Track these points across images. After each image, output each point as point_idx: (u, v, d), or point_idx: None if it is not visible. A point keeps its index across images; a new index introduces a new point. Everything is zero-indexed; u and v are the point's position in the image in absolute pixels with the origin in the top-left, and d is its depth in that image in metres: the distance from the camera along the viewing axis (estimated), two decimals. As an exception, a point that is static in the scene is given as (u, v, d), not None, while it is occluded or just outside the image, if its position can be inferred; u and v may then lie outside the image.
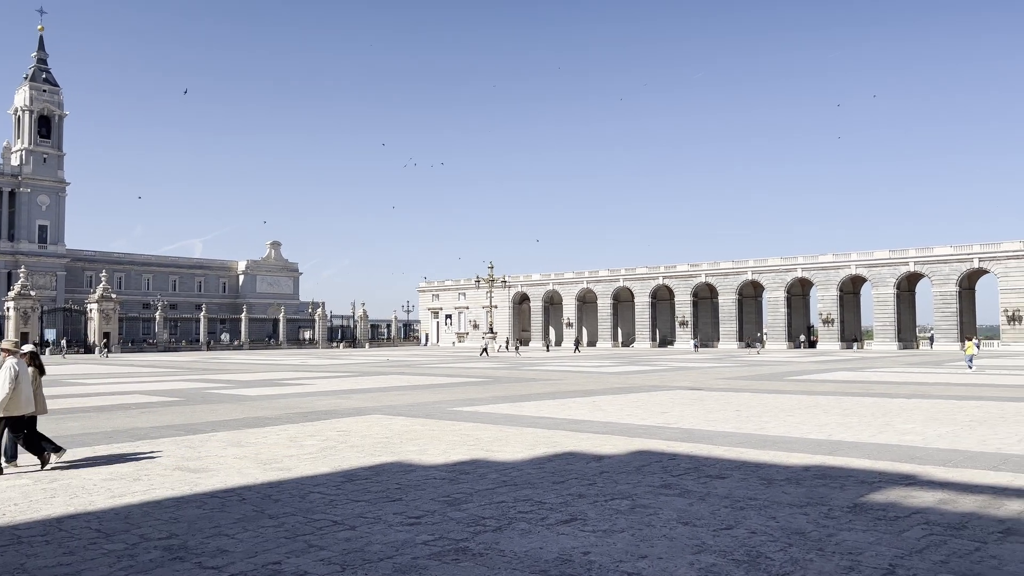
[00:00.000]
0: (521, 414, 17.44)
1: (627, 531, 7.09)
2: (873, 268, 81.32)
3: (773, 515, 7.66)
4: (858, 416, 16.59)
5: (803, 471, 10.10)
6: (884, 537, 6.81)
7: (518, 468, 10.46)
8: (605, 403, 20.09)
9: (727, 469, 10.29)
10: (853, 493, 8.67)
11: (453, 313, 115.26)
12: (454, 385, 27.75)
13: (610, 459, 11.16)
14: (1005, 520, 7.39)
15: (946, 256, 77.03)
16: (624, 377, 31.83)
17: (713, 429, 14.57)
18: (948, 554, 6.28)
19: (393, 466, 10.70)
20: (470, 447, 12.40)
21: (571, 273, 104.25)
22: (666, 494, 8.70)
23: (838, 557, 6.23)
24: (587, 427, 14.94)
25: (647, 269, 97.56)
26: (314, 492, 8.94)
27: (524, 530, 7.16)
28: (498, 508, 8.07)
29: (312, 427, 15.26)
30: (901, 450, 11.81)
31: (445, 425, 15.43)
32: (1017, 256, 72.83)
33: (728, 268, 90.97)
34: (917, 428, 14.47)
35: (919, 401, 20.00)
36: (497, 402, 20.57)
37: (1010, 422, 15.28)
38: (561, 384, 27.72)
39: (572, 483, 9.38)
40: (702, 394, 22.86)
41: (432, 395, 23.09)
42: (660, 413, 17.55)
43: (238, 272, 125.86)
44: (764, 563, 6.09)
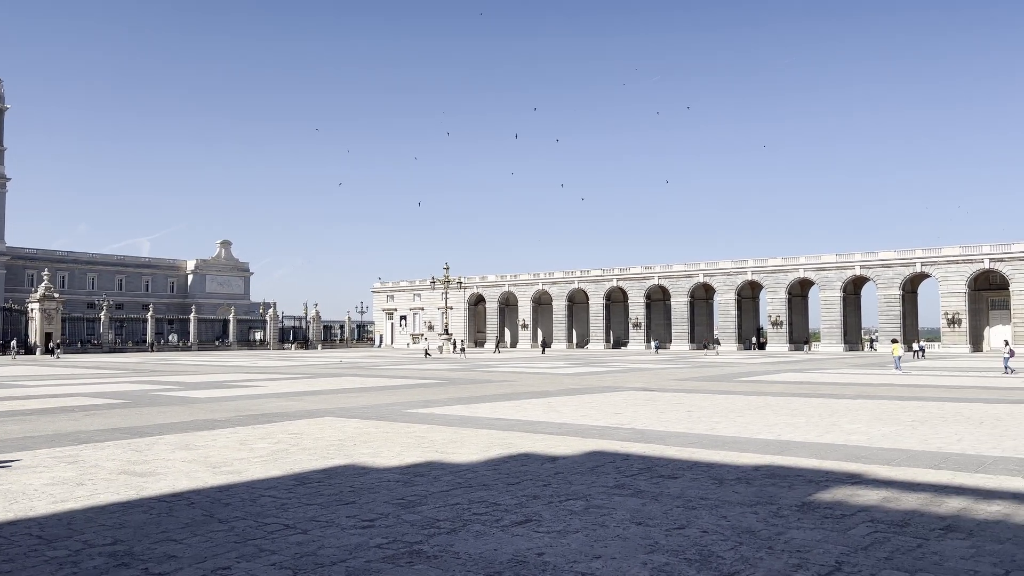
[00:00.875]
0: (476, 415, 17.42)
1: (581, 531, 7.13)
2: (821, 271, 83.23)
3: (724, 514, 7.78)
4: (806, 416, 16.95)
5: (753, 471, 10.28)
6: (831, 535, 6.97)
7: (473, 470, 10.44)
8: (560, 404, 20.18)
9: (679, 469, 10.42)
10: (801, 492, 8.86)
11: (408, 314, 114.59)
12: (409, 387, 27.59)
13: (564, 460, 11.22)
14: (946, 517, 7.62)
15: (890, 260, 79.23)
16: (578, 378, 32.02)
17: (666, 430, 14.75)
18: (892, 551, 6.46)
19: (346, 469, 10.59)
20: (424, 449, 12.34)
21: (527, 275, 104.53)
22: (620, 494, 8.77)
23: (787, 555, 6.36)
24: (542, 428, 14.98)
25: (601, 271, 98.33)
26: (265, 496, 8.80)
27: (479, 531, 7.15)
28: (453, 510, 8.04)
29: (263, 429, 15.02)
30: (847, 450, 12.10)
31: (399, 427, 15.33)
32: (956, 261, 75.26)
33: (680, 271, 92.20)
34: (862, 428, 14.84)
35: (864, 402, 20.52)
36: (452, 404, 20.52)
37: (949, 422, 15.77)
38: (516, 385, 27.77)
39: (527, 484, 9.39)
40: (655, 395, 23.12)
41: (386, 397, 22.92)
42: (614, 414, 17.69)
43: (187, 272, 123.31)
44: (715, 562, 6.18)
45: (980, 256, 74.19)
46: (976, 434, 13.86)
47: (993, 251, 73.74)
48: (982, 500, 8.36)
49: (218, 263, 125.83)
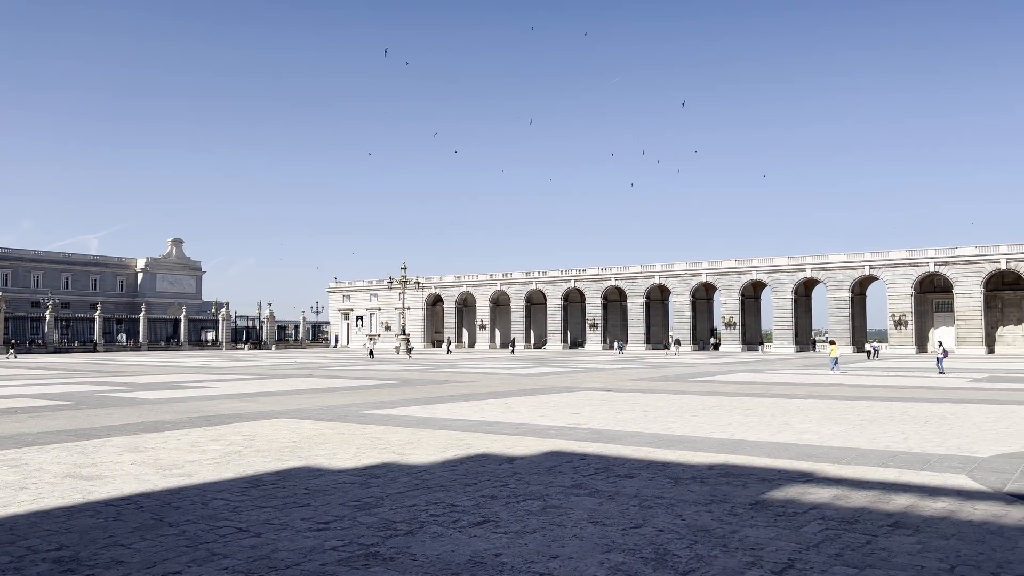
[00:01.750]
0: (433, 416, 17.34)
1: (539, 532, 7.14)
2: (773, 274, 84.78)
3: (680, 513, 7.87)
4: (759, 416, 17.23)
5: (708, 470, 10.41)
6: (784, 532, 7.09)
7: (430, 471, 10.38)
8: (517, 404, 20.20)
9: (635, 468, 10.50)
10: (755, 491, 9.00)
11: (364, 314, 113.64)
12: (365, 388, 27.35)
13: (522, 460, 11.22)
14: (893, 514, 7.81)
15: (840, 263, 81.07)
16: (536, 379, 32.10)
17: (622, 429, 14.86)
18: (842, 547, 6.59)
19: (301, 471, 10.44)
20: (381, 450, 12.24)
21: (485, 275, 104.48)
22: (577, 494, 8.81)
23: (741, 553, 6.44)
24: (500, 428, 14.98)
25: (559, 272, 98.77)
26: (217, 499, 8.63)
27: (436, 533, 7.11)
28: (410, 511, 7.98)
29: (215, 431, 14.74)
30: (799, 448, 12.33)
31: (355, 428, 15.18)
32: (903, 264, 77.34)
33: (637, 272, 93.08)
34: (813, 427, 15.14)
35: (815, 401, 20.95)
36: (409, 404, 20.39)
37: (897, 421, 16.18)
38: (474, 386, 27.72)
39: (484, 485, 9.38)
40: (611, 395, 23.29)
41: (342, 398, 22.69)
42: (571, 414, 17.77)
43: (137, 270, 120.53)
44: (671, 560, 6.24)
45: (925, 260, 76.36)
46: (922, 433, 14.24)
47: (937, 255, 75.95)
48: (928, 497, 8.59)
49: (169, 261, 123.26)
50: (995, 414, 17.45)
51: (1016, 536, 6.92)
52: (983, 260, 73.46)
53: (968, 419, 16.45)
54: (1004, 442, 12.93)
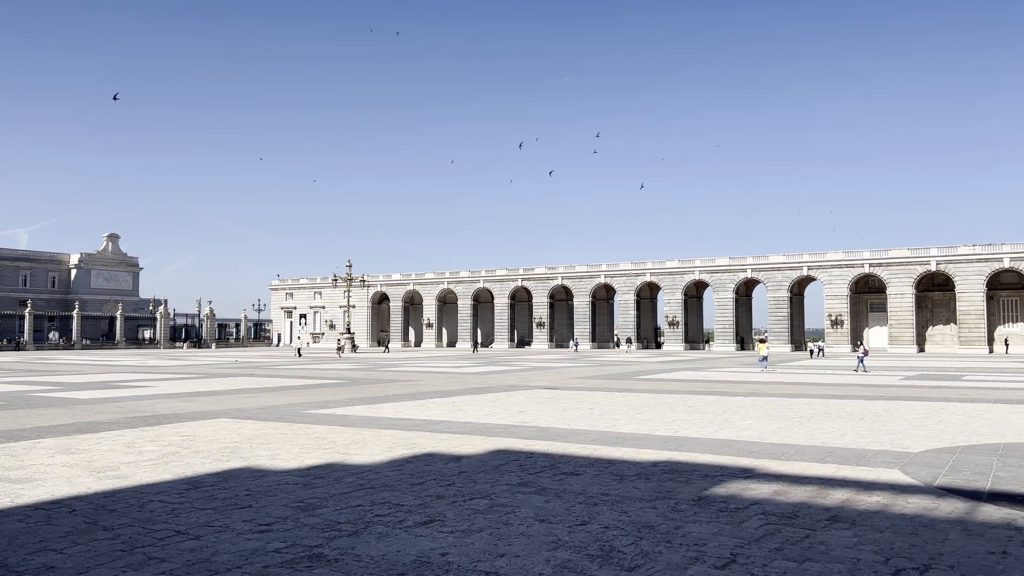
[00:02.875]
0: (379, 416, 17.18)
1: (485, 530, 7.12)
2: (715, 274, 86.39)
3: (625, 510, 7.94)
4: (701, 413, 17.53)
5: (652, 467, 10.54)
6: (726, 528, 7.22)
7: (375, 471, 10.27)
8: (464, 403, 20.15)
9: (581, 466, 10.57)
10: (698, 487, 9.14)
11: (308, 313, 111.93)
12: (308, 387, 26.94)
13: (469, 459, 11.19)
14: (831, 508, 8.02)
15: (779, 264, 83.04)
16: (483, 377, 32.08)
17: (568, 427, 14.94)
18: (782, 542, 6.74)
19: (242, 472, 10.22)
20: (325, 450, 12.06)
21: (432, 274, 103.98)
22: (523, 492, 8.82)
23: (684, 548, 6.53)
24: (446, 427, 14.91)
25: (506, 271, 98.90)
26: (155, 501, 8.38)
27: (381, 533, 7.03)
28: (354, 512, 7.88)
29: (152, 432, 14.33)
30: (740, 445, 12.57)
31: (298, 428, 14.93)
32: (839, 265, 79.63)
33: (583, 271, 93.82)
34: (754, 424, 15.47)
35: (755, 399, 21.41)
36: (353, 404, 20.16)
37: (833, 418, 16.64)
38: (420, 385, 27.56)
39: (431, 484, 9.32)
40: (558, 393, 23.41)
41: (284, 397, 22.30)
42: (518, 412, 17.80)
43: (70, 266, 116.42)
44: (616, 557, 6.29)
45: (861, 261, 78.74)
46: (857, 429, 14.67)
47: (872, 257, 78.40)
48: (863, 492, 8.85)
49: (104, 257, 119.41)
50: (925, 411, 18.08)
51: (947, 528, 7.17)
52: (915, 262, 76.11)
53: (900, 416, 17.01)
54: (934, 438, 13.40)
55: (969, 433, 14.00)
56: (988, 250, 73.23)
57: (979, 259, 73.31)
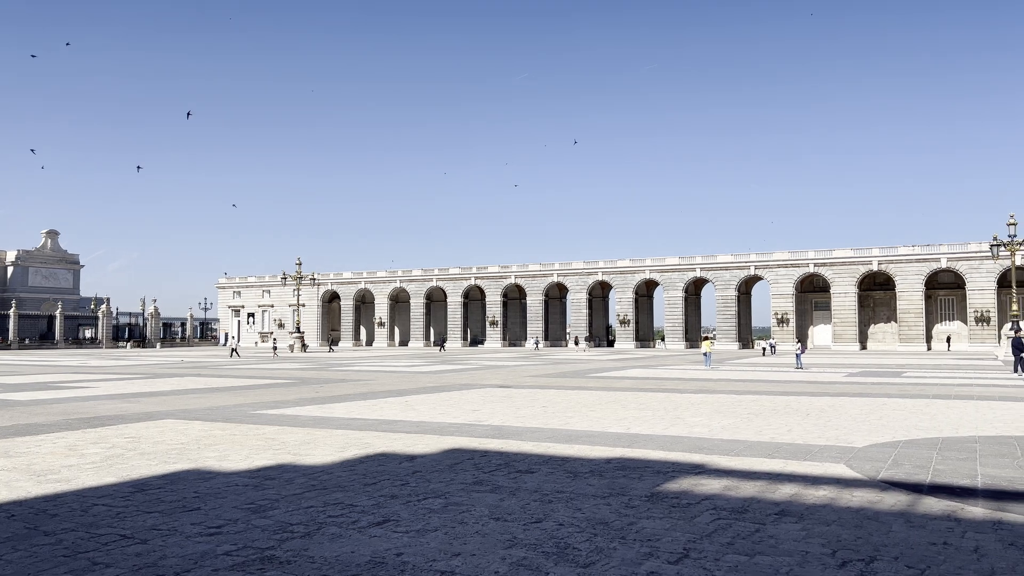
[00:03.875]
0: (330, 416, 16.98)
1: (440, 530, 7.09)
2: (665, 273, 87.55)
3: (579, 507, 7.99)
4: (653, 410, 17.74)
5: (605, 463, 10.63)
6: (678, 523, 7.31)
7: (328, 471, 10.15)
8: (417, 402, 20.04)
9: (536, 464, 10.60)
10: (650, 483, 9.25)
11: (256, 311, 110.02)
12: (257, 387, 26.49)
13: (423, 458, 11.13)
14: (780, 503, 8.19)
15: (728, 264, 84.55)
16: (436, 376, 31.95)
17: (522, 425, 14.98)
18: (733, 536, 6.86)
19: (190, 473, 10.00)
20: (275, 451, 11.87)
21: (384, 272, 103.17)
22: (478, 491, 8.80)
23: (638, 544, 6.60)
24: (399, 427, 14.81)
25: (460, 270, 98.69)
26: (99, 504, 8.14)
27: (335, 534, 6.95)
28: (307, 513, 7.77)
29: (95, 433, 13.92)
30: (691, 441, 12.76)
31: (247, 429, 14.67)
32: (785, 265, 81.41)
33: (536, 270, 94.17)
34: (704, 421, 15.71)
35: (704, 396, 21.75)
36: (304, 404, 19.88)
37: (780, 414, 17.00)
38: (372, 384, 27.33)
39: (384, 484, 9.24)
40: (511, 392, 23.45)
41: (232, 398, 21.89)
42: (472, 411, 17.77)
43: (6, 263, 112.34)
44: (571, 553, 6.32)
45: (806, 261, 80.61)
46: (804, 425, 15.01)
47: (817, 257, 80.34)
48: (811, 486, 9.06)
49: (43, 254, 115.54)
50: (868, 406, 18.60)
51: (890, 520, 7.38)
52: (857, 262, 78.21)
53: (844, 411, 17.46)
54: (877, 433, 13.79)
55: (909, 428, 14.44)
56: (926, 251, 75.67)
57: (918, 259, 75.70)
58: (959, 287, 75.97)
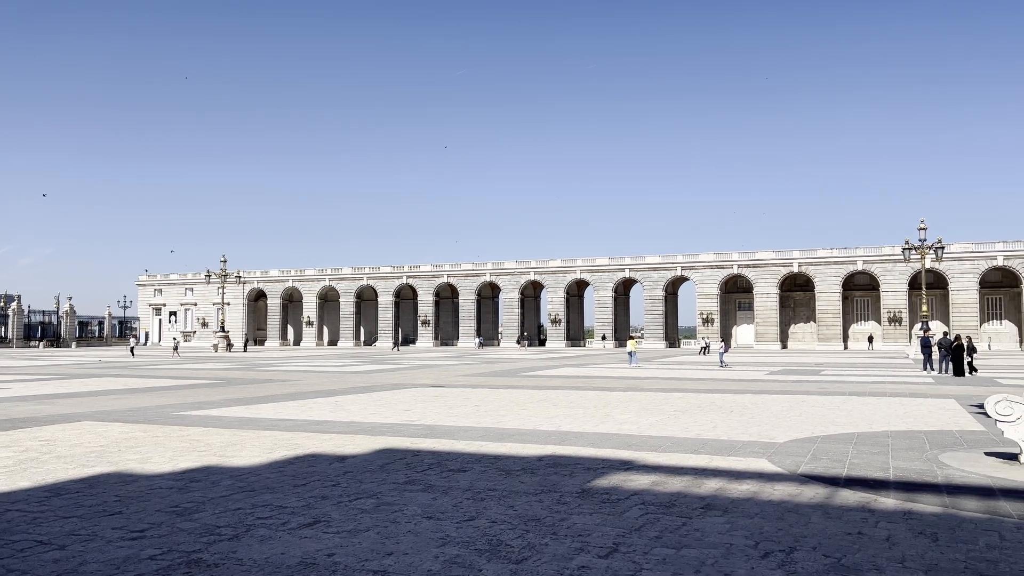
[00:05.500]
0: (258, 416, 16.64)
1: (372, 529, 7.06)
2: (595, 273, 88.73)
3: (511, 504, 8.06)
4: (583, 408, 17.98)
5: (537, 461, 10.74)
6: (608, 518, 7.46)
7: (255, 473, 9.96)
8: (348, 402, 19.82)
9: (468, 462, 10.63)
10: (581, 479, 9.39)
11: (179, 310, 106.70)
12: (181, 388, 25.73)
13: (354, 459, 11.04)
14: (705, 497, 8.44)
15: (655, 264, 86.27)
16: (367, 376, 31.63)
17: (455, 424, 14.99)
18: (661, 530, 7.04)
19: (110, 477, 9.67)
20: (201, 453, 11.58)
21: (313, 270, 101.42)
22: (410, 490, 8.79)
23: (569, 539, 6.71)
24: (329, 427, 14.63)
25: (391, 268, 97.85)
26: (12, 510, 7.80)
27: (264, 536, 6.84)
28: (234, 515, 7.62)
29: (7, 436, 13.31)
30: (620, 438, 13.00)
31: (171, 431, 14.25)
32: (710, 266, 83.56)
33: (468, 269, 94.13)
34: (632, 418, 16.02)
35: (633, 394, 22.17)
36: (230, 405, 19.42)
37: (706, 411, 17.47)
38: (301, 384, 26.88)
39: (314, 485, 9.13)
40: (444, 391, 23.41)
41: (155, 399, 21.21)
42: (404, 411, 17.68)
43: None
44: (504, 550, 6.38)
45: (730, 262, 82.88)
46: (728, 421, 15.47)
47: (741, 258, 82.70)
48: (735, 480, 9.36)
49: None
50: (788, 403, 19.28)
51: (809, 513, 7.70)
52: (779, 263, 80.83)
53: (766, 408, 18.06)
54: (796, 428, 14.32)
55: (827, 424, 15.04)
56: (844, 253, 78.77)
57: (836, 262, 78.72)
58: (874, 288, 79.33)
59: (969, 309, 73.43)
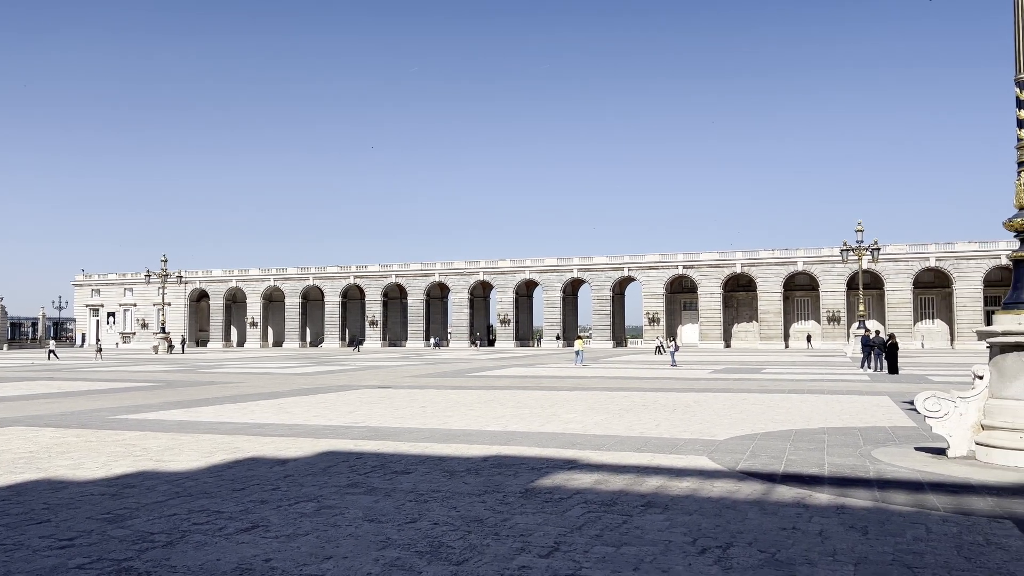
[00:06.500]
0: (197, 420, 16.27)
1: (312, 533, 6.96)
2: (544, 274, 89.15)
3: (455, 505, 8.04)
4: (529, 408, 18.04)
5: (482, 461, 10.73)
6: (550, 518, 7.49)
7: (193, 477, 9.73)
8: (291, 405, 19.51)
9: (412, 464, 10.57)
10: (525, 479, 9.42)
11: (118, 311, 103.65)
12: (117, 391, 25.01)
13: (295, 462, 10.87)
14: (646, 495, 8.54)
15: (603, 265, 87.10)
16: (312, 378, 31.20)
17: (400, 426, 14.88)
18: (602, 528, 7.10)
19: (40, 484, 9.34)
20: (136, 458, 11.27)
21: (257, 270, 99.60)
22: (352, 493, 8.69)
23: (511, 539, 6.72)
24: (271, 430, 14.38)
25: (338, 268, 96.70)
26: (-69, 521, 7.47)
27: (199, 542, 6.68)
28: (169, 521, 7.43)
29: (-71, 444, 12.74)
30: (565, 438, 13.08)
31: (105, 435, 13.84)
32: (656, 267, 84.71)
33: (417, 270, 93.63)
34: (578, 417, 16.14)
35: (579, 393, 22.33)
36: (169, 408, 18.94)
37: (650, 409, 17.69)
38: (244, 387, 26.36)
39: (254, 489, 8.96)
40: (390, 392, 23.23)
41: (89, 402, 20.57)
42: (348, 413, 17.49)
43: None
44: (445, 552, 6.36)
45: (675, 263, 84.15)
46: (671, 419, 15.70)
47: (686, 259, 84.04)
48: (675, 478, 9.50)
49: None
50: (729, 401, 19.66)
51: (746, 509, 7.85)
52: (722, 264, 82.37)
53: (708, 406, 18.38)
54: (737, 426, 14.61)
55: (767, 421, 15.38)
56: (785, 254, 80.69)
57: (777, 263, 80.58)
58: (814, 289, 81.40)
59: (904, 309, 75.96)
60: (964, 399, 10.80)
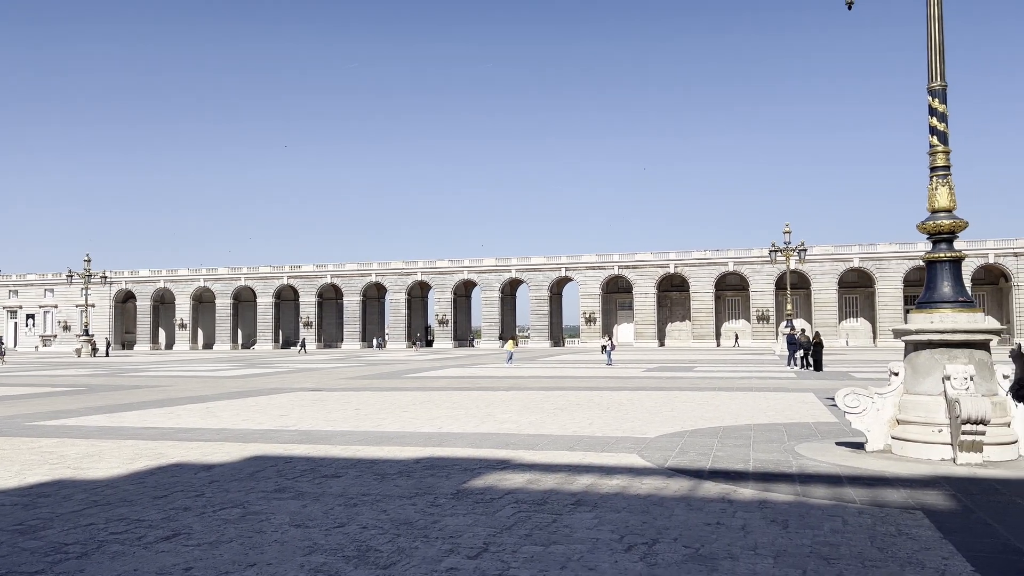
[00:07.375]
0: (120, 425, 15.73)
1: (235, 540, 6.80)
2: (482, 274, 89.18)
3: (384, 508, 7.96)
4: (465, 409, 18.02)
5: (414, 463, 10.67)
6: (481, 518, 7.49)
7: (113, 485, 9.40)
8: (219, 409, 19.04)
9: (343, 467, 10.43)
10: (457, 480, 9.40)
11: (38, 313, 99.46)
12: (35, 396, 23.99)
13: (221, 467, 10.61)
14: (577, 493, 8.62)
15: (541, 265, 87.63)
16: (243, 380, 30.50)
17: (332, 429, 14.67)
18: (532, 528, 7.13)
19: (-55, 495, 8.88)
20: (53, 466, 10.83)
21: (186, 270, 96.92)
22: (279, 498, 8.53)
23: (440, 541, 6.69)
24: (197, 435, 14.00)
25: (271, 268, 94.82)
26: None
27: (116, 552, 6.46)
28: (85, 531, 7.16)
29: None
30: (499, 438, 13.10)
31: (19, 442, 13.25)
32: (593, 267, 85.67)
33: (353, 270, 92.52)
34: (513, 417, 16.19)
35: (516, 393, 22.41)
36: (90, 413, 18.26)
37: (584, 408, 17.87)
38: (170, 391, 25.60)
39: (177, 496, 8.71)
40: (323, 395, 22.88)
41: (4, 408, 19.67)
42: (279, 416, 17.16)
43: None
44: (373, 556, 6.30)
45: (611, 263, 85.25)
46: (604, 418, 15.88)
47: (621, 259, 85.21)
48: (606, 476, 9.61)
49: None
50: (661, 399, 20.00)
51: (673, 505, 8.00)
52: (656, 265, 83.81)
53: (640, 404, 18.67)
54: (668, 424, 14.87)
55: (696, 419, 15.70)
56: (716, 255, 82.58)
57: (709, 263, 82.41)
58: (744, 289, 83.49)
59: (829, 308, 78.61)
60: (881, 395, 11.23)
